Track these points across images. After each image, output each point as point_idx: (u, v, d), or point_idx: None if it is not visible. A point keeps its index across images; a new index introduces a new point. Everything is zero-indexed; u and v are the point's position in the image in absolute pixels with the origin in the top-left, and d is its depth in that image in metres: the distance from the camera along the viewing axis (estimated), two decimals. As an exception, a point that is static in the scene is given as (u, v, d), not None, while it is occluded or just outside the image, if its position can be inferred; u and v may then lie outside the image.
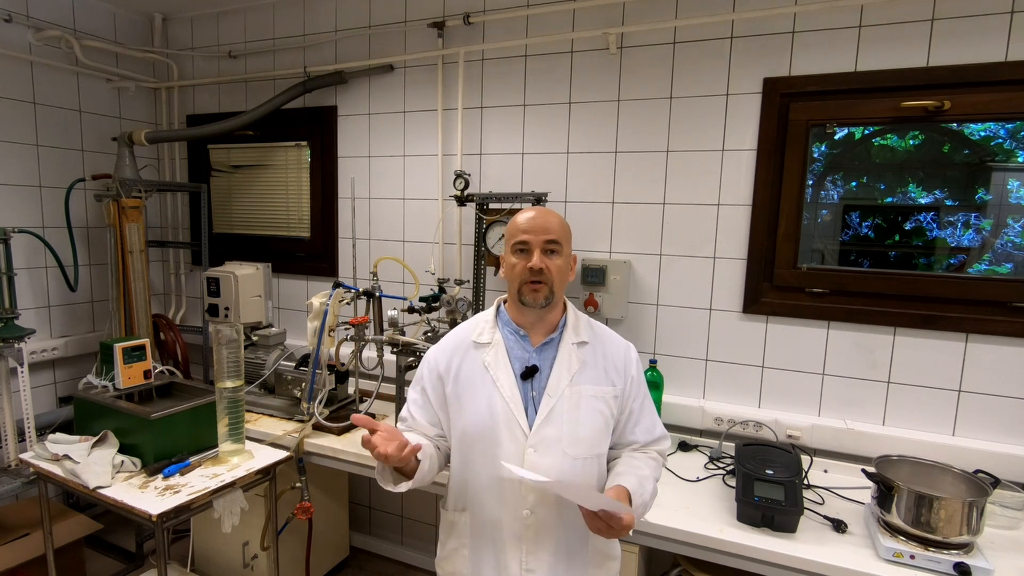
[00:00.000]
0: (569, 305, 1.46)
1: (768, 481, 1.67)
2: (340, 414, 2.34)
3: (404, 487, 1.34)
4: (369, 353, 2.35)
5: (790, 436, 2.09)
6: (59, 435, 1.99)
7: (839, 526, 1.65)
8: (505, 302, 1.46)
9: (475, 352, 1.41)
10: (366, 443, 1.23)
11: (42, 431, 2.49)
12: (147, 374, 2.22)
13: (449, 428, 1.43)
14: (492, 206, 2.30)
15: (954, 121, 1.95)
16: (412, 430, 1.46)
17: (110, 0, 3.04)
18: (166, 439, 1.92)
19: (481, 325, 1.44)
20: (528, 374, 1.36)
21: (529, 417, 1.34)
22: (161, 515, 1.65)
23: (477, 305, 2.37)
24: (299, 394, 2.35)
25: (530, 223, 1.34)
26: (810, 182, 2.13)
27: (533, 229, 1.33)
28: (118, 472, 1.85)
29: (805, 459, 1.90)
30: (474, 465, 1.38)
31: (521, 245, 1.34)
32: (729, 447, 2.10)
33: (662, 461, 1.45)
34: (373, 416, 2.39)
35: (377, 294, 2.31)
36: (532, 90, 2.45)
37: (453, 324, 2.19)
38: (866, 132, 2.10)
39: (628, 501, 1.26)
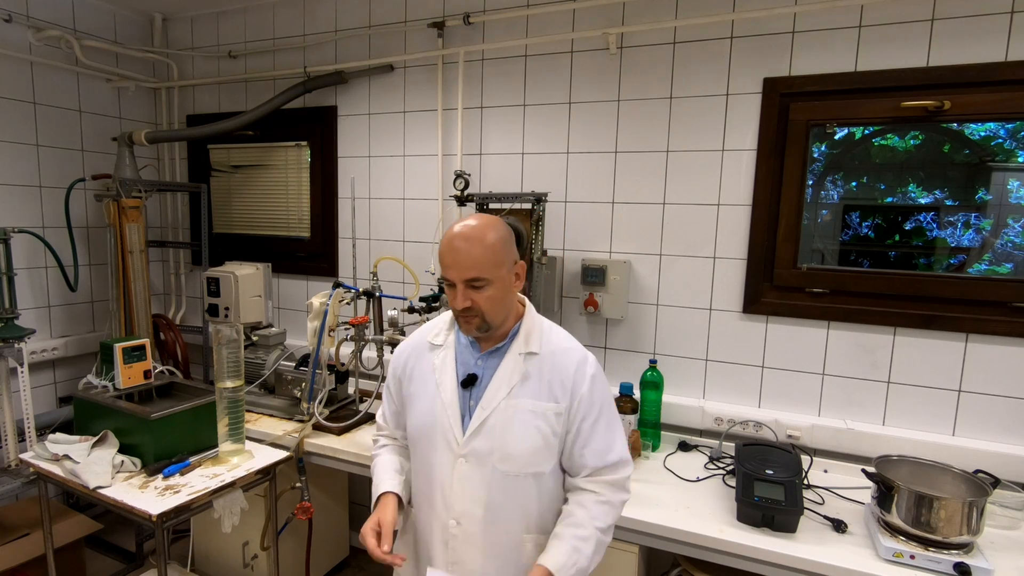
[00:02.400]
0: (528, 311, 1.37)
1: (768, 481, 1.67)
2: (340, 414, 2.34)
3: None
4: (369, 353, 2.36)
5: (790, 436, 2.09)
6: (59, 435, 1.99)
7: (839, 526, 1.65)
8: None
9: (428, 353, 1.38)
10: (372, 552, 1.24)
11: (42, 431, 2.49)
12: (147, 374, 2.22)
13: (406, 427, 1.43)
14: (492, 206, 2.30)
15: (954, 121, 1.95)
16: (386, 437, 1.50)
17: (110, 0, 3.04)
18: (166, 439, 1.92)
19: (439, 326, 1.42)
20: (468, 382, 1.31)
21: (464, 426, 1.29)
22: (161, 515, 1.65)
23: (477, 305, 2.36)
24: (299, 394, 2.35)
25: (451, 258, 1.22)
26: (810, 182, 2.13)
27: (454, 266, 1.22)
28: (118, 472, 1.85)
29: (805, 459, 1.90)
30: (416, 466, 1.38)
31: (446, 280, 1.25)
32: (729, 447, 2.10)
33: (618, 499, 1.32)
34: (373, 416, 2.40)
35: (377, 294, 2.31)
36: (532, 90, 2.45)
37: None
38: (866, 132, 2.10)
39: None
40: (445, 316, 1.44)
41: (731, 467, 2.00)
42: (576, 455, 1.31)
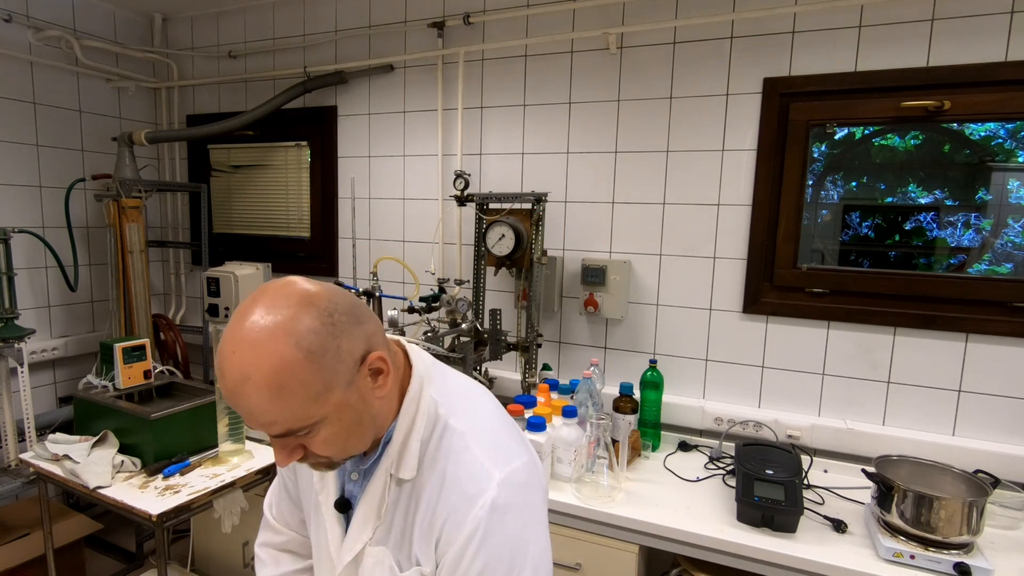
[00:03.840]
0: (409, 399, 0.84)
1: (768, 481, 1.67)
2: (340, 414, 2.34)
3: None
4: (369, 353, 2.35)
5: (790, 436, 2.09)
6: (59, 435, 1.99)
7: (839, 526, 1.65)
8: None
9: None
10: None
11: (42, 431, 2.49)
12: (147, 374, 2.22)
13: None
14: (492, 206, 2.30)
15: (954, 121, 1.95)
16: (272, 526, 1.10)
17: (110, 0, 3.04)
18: (166, 439, 1.92)
19: None
20: (340, 508, 0.91)
21: (339, 562, 0.91)
22: (161, 515, 1.65)
23: (477, 305, 2.37)
24: (299, 394, 2.35)
25: (233, 402, 0.71)
26: (810, 182, 2.13)
27: (246, 417, 0.73)
28: (118, 472, 1.85)
29: (805, 459, 1.90)
30: None
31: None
32: (729, 447, 2.10)
33: None
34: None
35: (377, 294, 2.31)
36: (532, 90, 2.45)
37: (453, 324, 2.20)
38: (866, 132, 2.10)
39: None
40: None
41: (731, 467, 2.00)
42: None
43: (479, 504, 0.77)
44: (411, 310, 2.21)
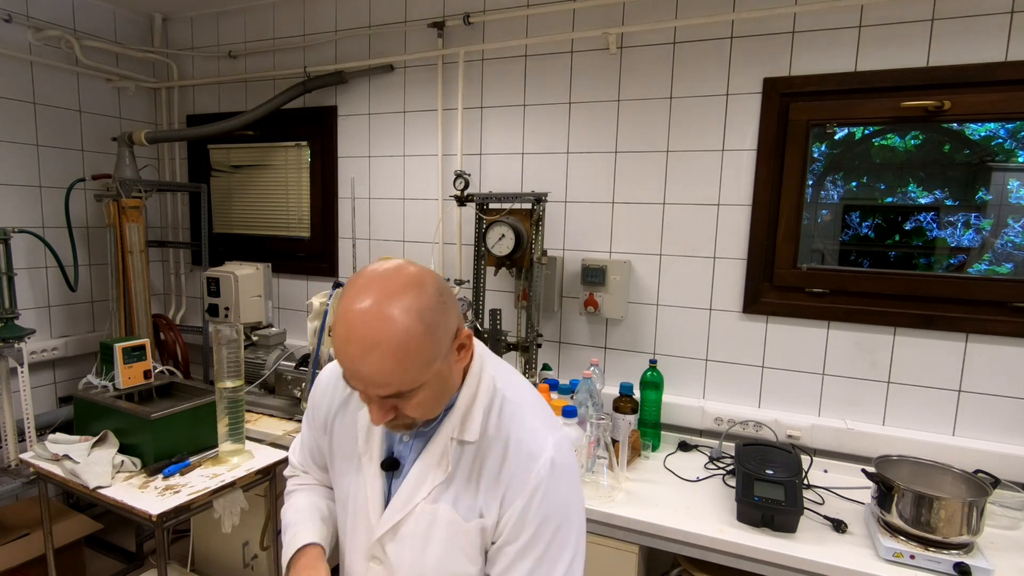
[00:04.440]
0: (473, 373, 0.96)
1: (768, 481, 1.67)
2: (340, 414, 2.34)
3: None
4: (369, 353, 2.35)
5: (790, 436, 2.09)
6: (59, 435, 1.99)
7: (839, 526, 1.65)
8: None
9: (355, 406, 1.05)
10: None
11: (42, 431, 2.49)
12: (147, 374, 2.22)
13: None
14: (492, 206, 2.30)
15: (954, 121, 1.95)
16: (306, 474, 1.23)
17: (110, 0, 3.04)
18: (166, 439, 1.92)
19: None
20: (388, 466, 0.99)
21: (384, 518, 0.99)
22: (161, 515, 1.65)
23: (477, 305, 2.37)
24: (299, 394, 2.35)
25: (352, 366, 0.82)
26: (810, 182, 2.13)
27: (358, 378, 0.83)
28: (118, 472, 1.85)
29: (805, 459, 1.90)
30: (339, 539, 1.13)
31: (351, 385, 0.87)
32: (729, 447, 2.10)
33: None
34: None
35: (377, 294, 2.30)
36: (532, 90, 2.45)
37: (453, 324, 2.19)
38: (866, 132, 2.10)
39: None
40: None
41: (731, 467, 2.00)
42: None
43: (540, 462, 0.90)
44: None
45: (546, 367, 2.41)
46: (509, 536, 0.91)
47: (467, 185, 2.34)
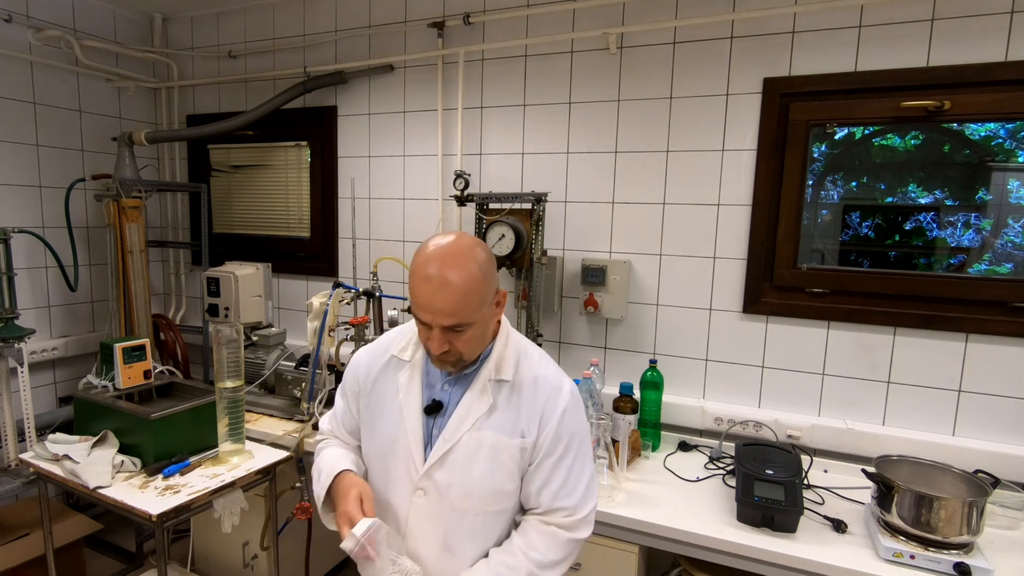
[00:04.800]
0: (503, 330, 1.25)
1: (768, 481, 1.66)
2: (340, 414, 2.34)
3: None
4: (369, 353, 2.35)
5: (790, 436, 2.09)
6: (59, 435, 1.99)
7: (839, 526, 1.65)
8: None
9: (393, 369, 1.27)
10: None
11: (42, 431, 2.49)
12: (147, 374, 2.22)
13: (361, 443, 1.35)
14: (492, 206, 2.30)
15: (954, 121, 1.95)
16: (335, 438, 1.39)
17: (110, 0, 3.04)
18: (166, 439, 1.92)
19: (406, 338, 1.30)
20: (432, 409, 1.20)
21: (426, 455, 1.20)
22: (161, 515, 1.65)
23: (477, 305, 2.37)
24: (299, 394, 2.35)
25: (427, 301, 1.08)
26: (810, 182, 2.13)
27: (430, 310, 1.08)
28: (118, 472, 1.85)
29: (805, 459, 1.90)
30: (374, 490, 1.27)
31: (420, 319, 1.13)
32: (729, 447, 2.10)
33: (565, 537, 1.18)
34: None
35: (377, 294, 2.31)
36: (532, 90, 2.45)
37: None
38: (866, 132, 2.10)
39: None
40: (412, 327, 1.30)
41: (731, 467, 2.00)
42: (533, 492, 1.20)
43: (563, 393, 1.20)
44: (411, 310, 2.21)
45: (546, 367, 2.41)
46: (548, 450, 1.18)
47: (467, 185, 2.35)
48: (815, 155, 2.14)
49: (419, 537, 1.20)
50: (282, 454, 2.04)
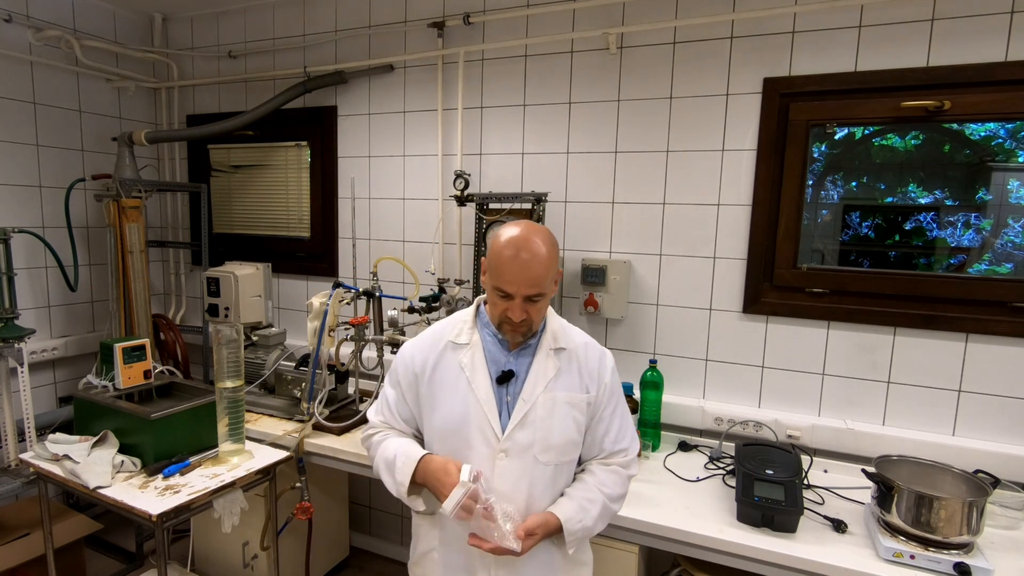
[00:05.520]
0: (549, 311, 1.44)
1: (768, 481, 1.67)
2: (340, 414, 2.34)
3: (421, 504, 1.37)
4: (369, 353, 2.36)
5: (790, 436, 2.09)
6: (59, 435, 1.99)
7: (839, 526, 1.65)
8: (485, 303, 1.43)
9: (452, 352, 1.39)
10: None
11: (42, 431, 2.49)
12: (147, 374, 2.22)
13: (422, 427, 1.43)
14: (492, 206, 2.30)
15: (954, 121, 1.95)
16: (391, 428, 1.46)
17: (110, 0, 3.04)
18: (166, 439, 1.92)
19: (459, 325, 1.42)
20: (504, 378, 1.35)
21: (502, 421, 1.33)
22: (161, 515, 1.65)
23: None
24: (299, 394, 2.35)
25: (514, 275, 1.25)
26: (810, 182, 2.13)
27: (517, 281, 1.25)
28: (118, 472, 1.85)
29: (805, 459, 1.90)
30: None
31: (502, 292, 1.28)
32: (729, 447, 2.10)
33: (625, 474, 1.41)
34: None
35: (377, 294, 2.31)
36: (532, 90, 2.45)
37: (453, 324, 2.19)
38: (866, 132, 2.10)
39: (557, 528, 1.30)
40: (464, 315, 1.45)
41: (731, 467, 2.00)
42: (596, 441, 1.40)
43: (608, 355, 1.44)
44: (411, 310, 2.21)
45: (546, 367, 2.41)
46: (606, 403, 1.40)
47: (467, 185, 2.35)
48: (815, 155, 2.14)
49: (504, 495, 1.30)
50: (282, 454, 2.04)
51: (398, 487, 1.34)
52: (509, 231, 1.29)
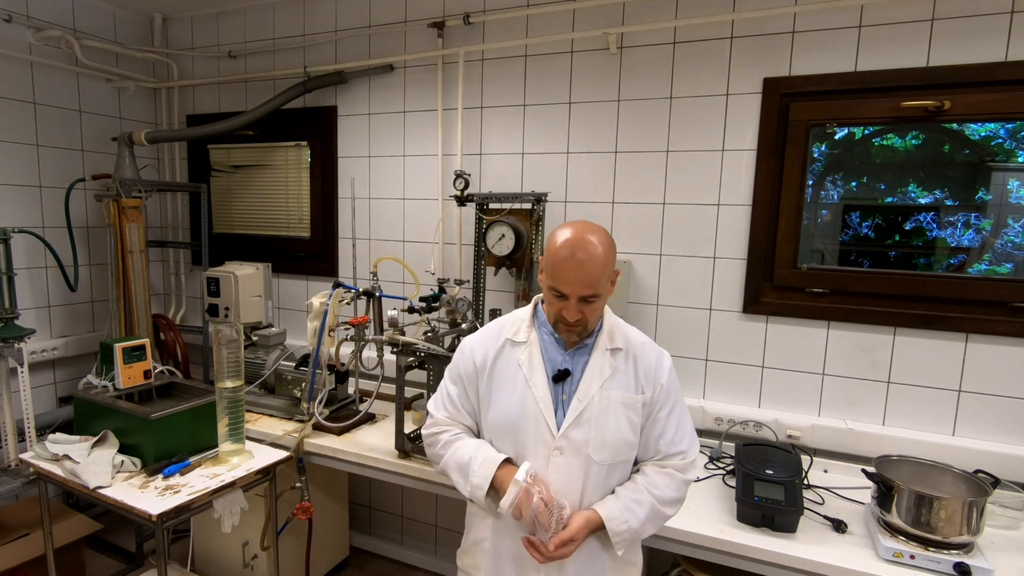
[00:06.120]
0: (607, 310, 1.43)
1: (768, 481, 1.67)
2: (340, 414, 2.34)
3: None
4: (369, 353, 2.35)
5: (790, 436, 2.09)
6: (59, 435, 1.99)
7: (839, 526, 1.65)
8: (543, 301, 1.43)
9: (510, 350, 1.41)
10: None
11: (42, 431, 2.49)
12: (147, 374, 2.22)
13: (480, 421, 1.45)
14: (492, 206, 2.30)
15: (954, 121, 1.95)
16: (455, 422, 1.47)
17: (110, 0, 3.04)
18: (166, 439, 1.92)
19: (518, 323, 1.44)
20: (560, 377, 1.36)
21: (558, 419, 1.34)
22: (161, 515, 1.65)
23: (477, 305, 2.37)
24: (299, 394, 2.35)
25: (569, 275, 1.26)
26: (810, 182, 2.13)
27: (573, 282, 1.26)
28: (118, 472, 1.85)
29: (805, 459, 1.90)
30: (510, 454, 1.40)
31: (557, 292, 1.29)
32: (729, 447, 2.10)
33: (680, 477, 1.37)
34: (373, 416, 2.40)
35: (377, 294, 2.31)
36: (532, 90, 2.45)
37: (453, 324, 2.20)
38: (866, 132, 2.10)
39: (599, 525, 1.31)
40: (522, 313, 1.47)
41: (731, 467, 2.00)
42: (651, 442, 1.39)
43: (665, 356, 1.43)
44: (411, 310, 2.21)
45: (546, 367, 2.41)
46: (662, 404, 1.38)
47: (467, 185, 2.34)
48: (815, 155, 2.14)
49: (558, 492, 1.32)
50: (282, 454, 2.04)
51: (474, 489, 1.35)
52: (565, 231, 1.29)
